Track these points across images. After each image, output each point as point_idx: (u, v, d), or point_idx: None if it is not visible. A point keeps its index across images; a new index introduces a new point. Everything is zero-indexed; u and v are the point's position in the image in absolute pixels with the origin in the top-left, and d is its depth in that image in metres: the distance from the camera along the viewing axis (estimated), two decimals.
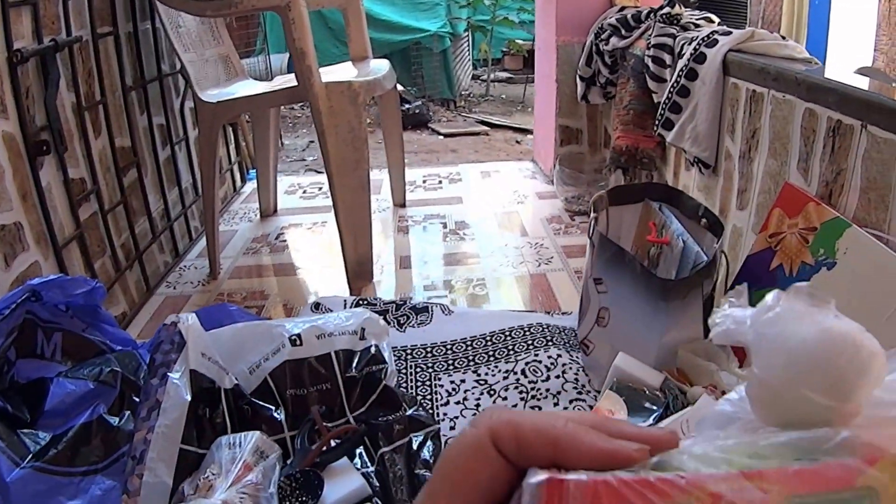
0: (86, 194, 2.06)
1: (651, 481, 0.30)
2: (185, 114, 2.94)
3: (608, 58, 2.81)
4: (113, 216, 2.22)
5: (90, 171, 2.09)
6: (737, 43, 1.99)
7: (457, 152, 5.27)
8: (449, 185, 3.70)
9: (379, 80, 2.46)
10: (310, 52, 2.18)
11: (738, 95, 1.97)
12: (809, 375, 0.37)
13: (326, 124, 2.22)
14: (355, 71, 2.68)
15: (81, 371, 1.44)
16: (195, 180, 2.99)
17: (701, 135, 2.10)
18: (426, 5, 6.71)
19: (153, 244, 2.53)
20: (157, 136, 2.60)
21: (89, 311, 1.60)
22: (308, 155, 5.22)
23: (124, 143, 2.34)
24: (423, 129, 6.02)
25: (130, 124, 2.37)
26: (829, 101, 1.58)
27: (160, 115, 2.67)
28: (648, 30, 2.48)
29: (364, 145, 2.28)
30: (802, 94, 1.68)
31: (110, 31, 2.27)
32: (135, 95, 2.44)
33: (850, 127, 1.51)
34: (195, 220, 2.99)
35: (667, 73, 2.29)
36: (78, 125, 2.04)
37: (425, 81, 6.74)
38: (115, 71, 2.30)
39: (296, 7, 2.14)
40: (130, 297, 2.32)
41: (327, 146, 2.24)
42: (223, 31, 2.83)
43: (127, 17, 2.42)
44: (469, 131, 5.86)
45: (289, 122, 6.32)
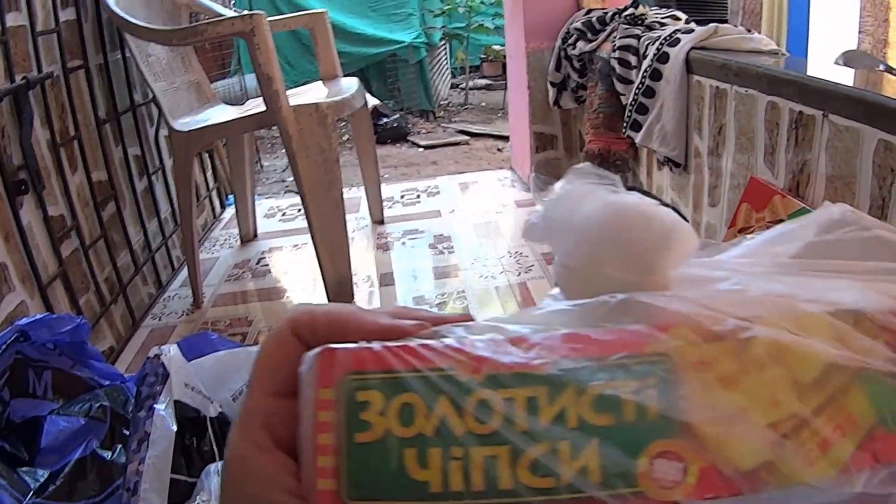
0: (66, 231, 2.06)
1: (412, 347, 0.33)
2: (161, 143, 2.94)
3: (577, 62, 2.84)
4: (94, 251, 2.23)
5: (69, 208, 2.10)
6: (699, 40, 2.02)
7: (437, 164, 5.28)
8: (427, 198, 3.72)
9: (347, 99, 2.47)
10: (276, 76, 2.19)
11: (703, 93, 2.00)
12: (602, 252, 0.37)
13: (297, 147, 2.24)
14: (325, 90, 2.69)
15: (73, 408, 1.47)
16: (174, 210, 2.99)
17: (669, 134, 2.12)
18: (400, 16, 6.70)
19: (136, 277, 2.53)
20: (133, 168, 2.60)
21: (76, 348, 1.62)
22: (288, 176, 5.22)
23: (101, 176, 2.35)
24: (402, 142, 6.02)
25: (106, 157, 2.37)
26: (789, 93, 1.61)
27: (135, 145, 2.67)
28: (614, 32, 2.51)
29: (336, 166, 2.30)
30: (764, 88, 1.71)
31: (81, 64, 2.28)
32: (109, 128, 2.44)
33: (811, 117, 1.54)
34: (176, 249, 2.99)
35: (633, 75, 2.32)
36: (54, 162, 2.04)
37: (403, 93, 6.74)
38: (87, 104, 2.31)
39: (260, 32, 2.16)
40: (117, 332, 2.33)
41: (299, 169, 2.26)
42: (193, 58, 2.84)
43: (96, 49, 2.43)
44: (449, 142, 5.87)
45: (268, 143, 6.30)
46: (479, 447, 0.31)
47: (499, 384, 0.31)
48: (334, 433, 0.32)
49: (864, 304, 0.33)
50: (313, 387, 0.33)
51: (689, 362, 0.31)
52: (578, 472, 0.30)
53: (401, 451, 0.31)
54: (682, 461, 0.30)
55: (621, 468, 0.30)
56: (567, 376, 0.31)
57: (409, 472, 0.31)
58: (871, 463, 0.30)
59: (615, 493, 0.30)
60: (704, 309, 0.33)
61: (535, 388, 0.31)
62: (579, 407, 0.31)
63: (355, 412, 0.32)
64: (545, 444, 0.30)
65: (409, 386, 0.32)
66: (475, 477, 0.30)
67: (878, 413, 0.31)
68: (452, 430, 0.31)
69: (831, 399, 0.31)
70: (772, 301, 0.34)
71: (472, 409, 0.31)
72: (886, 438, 0.31)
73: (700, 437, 0.30)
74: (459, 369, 0.32)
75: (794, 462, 0.30)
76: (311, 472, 0.32)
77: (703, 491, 0.29)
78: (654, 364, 0.31)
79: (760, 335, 0.32)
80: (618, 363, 0.32)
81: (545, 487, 0.30)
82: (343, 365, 0.33)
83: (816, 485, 0.30)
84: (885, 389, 0.31)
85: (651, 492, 0.30)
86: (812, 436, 0.30)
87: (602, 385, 0.31)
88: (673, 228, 0.37)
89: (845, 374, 0.31)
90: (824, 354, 0.31)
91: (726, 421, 0.30)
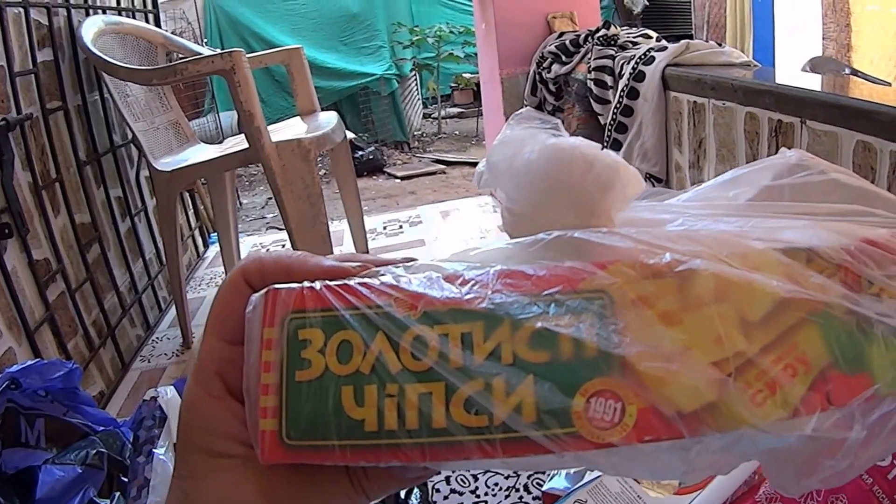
0: (52, 274, 2.04)
1: (351, 285, 0.33)
2: (142, 183, 2.92)
3: (552, 85, 2.87)
4: (81, 294, 2.20)
5: (53, 251, 2.07)
6: (673, 57, 2.06)
7: (415, 194, 5.30)
8: (410, 228, 3.74)
9: (328, 133, 2.47)
10: (257, 113, 2.19)
11: (681, 108, 2.03)
12: (544, 196, 0.37)
13: (281, 183, 2.24)
14: (304, 126, 2.69)
15: (68, 456, 1.43)
16: (158, 250, 2.97)
17: (649, 151, 2.15)
18: (370, 49, 6.76)
19: (124, 319, 2.51)
20: (115, 209, 2.58)
21: (68, 394, 1.59)
22: (268, 212, 5.22)
23: (84, 218, 2.33)
24: (378, 174, 6.05)
25: (88, 199, 2.36)
26: (766, 102, 1.64)
27: (117, 187, 2.66)
28: (588, 53, 2.54)
29: (320, 200, 2.30)
30: (741, 100, 1.74)
31: (60, 105, 2.27)
32: (90, 169, 2.43)
33: (790, 125, 1.57)
34: (163, 290, 2.97)
35: (609, 95, 2.35)
36: (36, 205, 2.02)
37: (376, 126, 6.78)
38: (67, 146, 2.30)
39: (240, 70, 2.15)
40: (107, 375, 2.30)
41: (284, 205, 2.26)
42: (171, 97, 2.83)
43: (75, 89, 2.42)
44: (425, 171, 5.90)
45: (245, 181, 6.31)
46: (413, 384, 0.30)
47: (434, 320, 0.31)
48: (276, 372, 0.32)
49: (818, 242, 0.32)
50: (258, 326, 0.33)
51: (629, 299, 0.30)
52: (513, 410, 0.29)
53: (338, 388, 0.31)
54: (620, 401, 0.29)
55: (556, 407, 0.29)
56: (499, 311, 0.31)
57: (345, 410, 0.31)
58: (823, 405, 0.29)
59: (549, 434, 0.29)
60: (641, 244, 0.32)
61: (471, 324, 0.31)
62: (515, 343, 0.30)
63: (296, 350, 0.32)
64: (479, 381, 0.30)
65: (347, 323, 0.32)
66: (409, 415, 0.30)
67: (833, 353, 0.30)
68: (388, 367, 0.31)
69: (781, 338, 0.30)
70: (717, 238, 0.33)
71: (408, 346, 0.31)
72: (840, 379, 0.29)
73: (639, 375, 0.29)
74: (396, 306, 0.32)
75: (740, 403, 0.28)
76: (255, 413, 0.32)
77: (642, 433, 0.29)
78: (591, 300, 0.31)
79: (702, 269, 0.31)
80: (551, 298, 0.31)
81: (478, 426, 0.30)
82: (285, 304, 0.33)
83: (763, 428, 0.29)
84: (839, 328, 0.30)
85: (586, 432, 0.29)
86: (759, 376, 0.29)
87: (535, 319, 0.30)
88: (615, 170, 0.36)
89: (797, 312, 0.30)
90: (773, 291, 0.30)
91: (666, 358, 0.29)
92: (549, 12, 3.16)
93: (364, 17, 6.73)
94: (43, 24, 2.26)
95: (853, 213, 0.35)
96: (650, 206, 0.38)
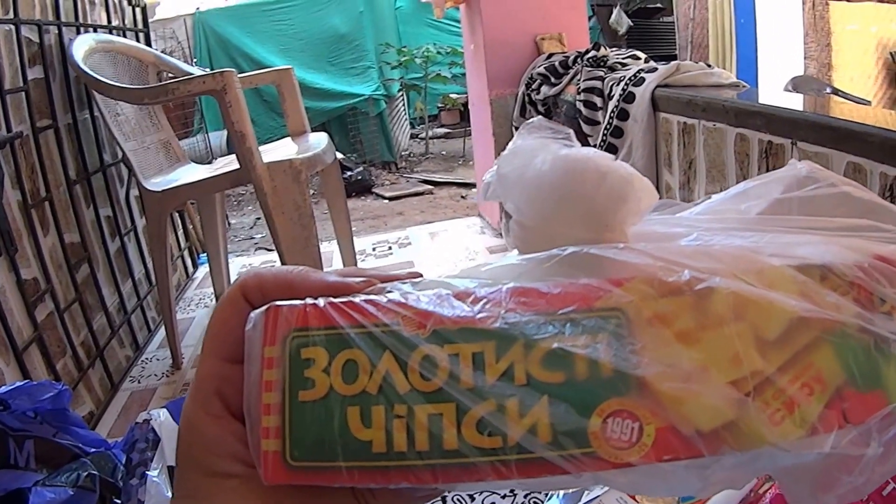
0: (40, 294, 2.03)
1: (356, 302, 0.32)
2: (132, 203, 2.92)
3: (541, 106, 2.89)
4: (69, 314, 2.19)
5: (42, 270, 2.06)
6: (663, 78, 2.08)
7: (403, 215, 5.30)
8: (399, 249, 3.74)
9: (319, 154, 2.48)
10: (249, 133, 2.19)
11: (671, 129, 2.05)
12: (556, 208, 0.36)
13: (272, 204, 2.24)
14: (295, 147, 2.69)
15: (58, 478, 1.41)
16: (147, 270, 2.96)
17: (639, 172, 2.16)
18: (358, 69, 6.77)
19: (113, 339, 2.49)
20: (105, 229, 2.57)
21: (58, 415, 1.57)
22: (256, 232, 5.21)
23: (73, 238, 2.32)
24: (367, 194, 6.05)
25: (78, 218, 2.35)
26: (757, 123, 1.65)
27: (107, 206, 2.65)
28: (577, 74, 2.56)
29: (311, 221, 2.30)
30: (732, 121, 1.75)
31: (50, 123, 2.26)
32: (79, 188, 2.42)
33: (781, 146, 1.58)
34: (152, 310, 2.96)
35: (599, 116, 2.37)
36: (26, 223, 2.01)
37: (364, 146, 6.78)
38: (57, 165, 2.29)
39: (231, 90, 2.16)
40: (96, 396, 2.28)
41: (276, 226, 2.25)
42: (162, 117, 2.83)
43: (65, 108, 2.42)
44: (413, 192, 5.90)
45: (233, 201, 6.29)
46: (423, 405, 0.30)
47: (444, 339, 0.31)
48: (279, 392, 0.31)
49: (831, 259, 0.32)
50: (259, 345, 0.32)
51: (645, 317, 0.30)
52: (527, 431, 0.29)
53: (343, 409, 0.31)
54: (637, 420, 0.28)
55: (572, 427, 0.29)
56: (513, 330, 0.30)
57: (351, 431, 0.30)
58: (840, 423, 0.29)
59: (565, 454, 0.29)
60: (659, 261, 0.32)
61: (482, 344, 0.30)
62: (528, 363, 0.30)
63: (299, 369, 0.31)
64: (492, 402, 0.29)
65: (353, 342, 0.31)
66: (419, 436, 0.30)
67: (847, 371, 0.29)
68: (396, 388, 0.30)
69: (797, 356, 0.29)
70: (733, 254, 0.33)
71: (417, 366, 0.30)
72: (856, 397, 0.29)
73: (657, 395, 0.29)
74: (404, 324, 0.31)
75: (758, 422, 0.28)
76: (256, 433, 0.32)
77: (660, 452, 0.28)
78: (607, 319, 0.30)
79: (720, 287, 0.30)
80: (566, 317, 0.30)
81: (492, 448, 0.29)
82: (287, 322, 0.32)
83: (782, 446, 0.28)
84: (853, 347, 0.30)
85: (604, 452, 0.28)
86: (777, 395, 0.29)
87: (550, 339, 0.30)
88: (629, 182, 0.35)
89: (812, 331, 0.30)
90: (789, 309, 0.30)
91: (684, 378, 0.29)
92: (538, 33, 3.19)
93: (352, 37, 6.74)
94: (34, 42, 2.26)
95: (864, 229, 0.35)
96: (662, 219, 0.38)
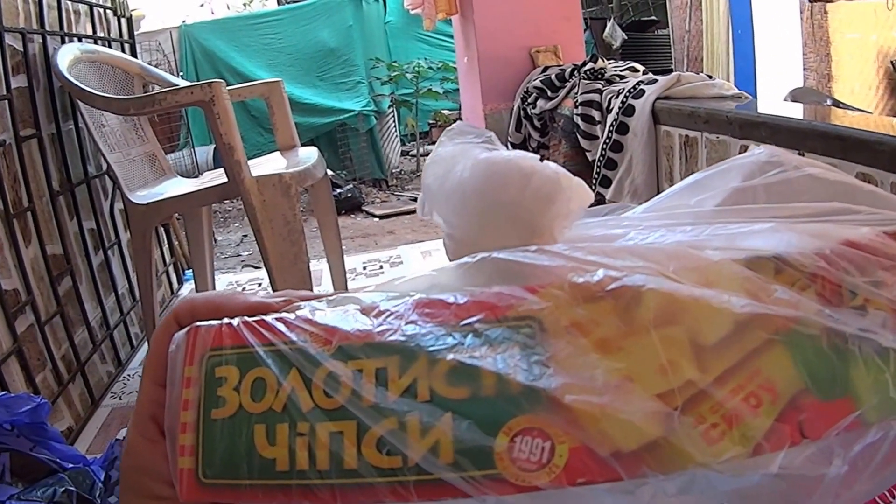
0: (21, 306, 1.98)
1: (266, 320, 0.32)
2: (116, 216, 2.87)
3: (537, 121, 2.84)
4: (51, 327, 2.14)
5: (23, 282, 2.02)
6: (663, 90, 2.04)
7: (394, 234, 5.24)
8: (390, 269, 3.68)
9: (309, 169, 2.44)
10: (238, 146, 2.15)
11: (672, 142, 2.00)
12: (480, 216, 0.34)
13: (261, 219, 2.19)
14: (284, 161, 2.65)
15: (34, 493, 1.40)
16: (131, 285, 2.91)
17: (639, 188, 2.12)
18: (347, 85, 6.70)
19: (94, 354, 2.44)
20: (88, 242, 2.53)
21: (36, 429, 1.55)
22: (243, 250, 5.14)
23: (56, 250, 2.28)
24: (357, 212, 5.98)
25: (61, 230, 2.31)
26: (762, 135, 1.62)
27: (90, 219, 2.60)
28: (574, 88, 2.52)
29: (301, 237, 2.25)
30: (735, 133, 1.72)
31: (33, 133, 2.22)
32: (63, 200, 2.38)
33: None
34: (135, 326, 2.90)
35: (597, 130, 2.32)
36: (7, 234, 1.97)
37: (354, 163, 6.70)
38: (41, 175, 2.25)
39: (220, 101, 2.12)
40: (75, 411, 2.23)
41: (264, 242, 2.21)
42: (147, 129, 2.79)
43: (49, 118, 2.38)
44: (404, 210, 5.84)
45: (220, 217, 6.22)
46: (325, 423, 0.29)
47: (348, 355, 0.30)
48: (194, 410, 0.32)
49: (786, 248, 0.29)
50: (181, 365, 0.33)
51: (563, 325, 0.28)
52: (428, 451, 0.27)
53: (251, 427, 0.30)
54: (549, 440, 0.26)
55: (475, 447, 0.27)
56: (411, 343, 0.29)
57: (257, 449, 0.30)
58: (794, 438, 0.26)
59: (466, 476, 0.26)
60: (572, 262, 0.29)
61: (386, 359, 0.29)
62: (432, 378, 0.28)
63: (213, 388, 0.32)
64: (393, 420, 0.28)
65: (262, 360, 0.31)
66: (320, 455, 0.29)
67: (806, 377, 0.26)
68: (300, 405, 0.30)
69: (742, 363, 0.26)
70: (667, 251, 0.30)
71: (321, 383, 0.30)
72: (816, 407, 0.26)
73: (571, 412, 0.26)
74: (312, 341, 0.31)
75: (688, 440, 0.25)
76: (174, 451, 0.32)
77: (573, 475, 0.26)
78: (516, 328, 0.28)
79: (638, 285, 0.27)
80: (469, 328, 0.29)
81: (391, 468, 0.28)
82: (204, 342, 0.33)
83: (716, 468, 0.25)
84: (814, 349, 0.27)
85: (509, 474, 0.26)
86: (715, 408, 0.26)
87: (447, 351, 0.28)
88: (556, 182, 0.34)
89: (761, 333, 0.27)
90: (728, 309, 0.27)
91: (598, 392, 0.26)
92: (533, 46, 3.15)
93: (341, 52, 6.67)
94: (18, 51, 2.22)
95: (833, 212, 0.32)
96: (602, 221, 0.36)
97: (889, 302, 0.28)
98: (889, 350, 0.27)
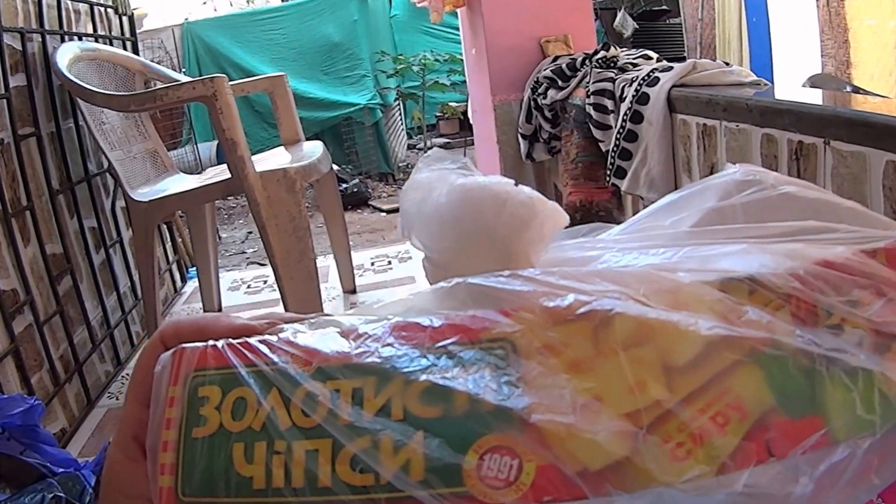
0: (19, 306, 1.96)
1: (250, 342, 0.33)
2: (117, 214, 2.85)
3: (548, 111, 2.78)
4: (49, 327, 2.12)
5: (22, 282, 2.00)
6: (679, 77, 1.97)
7: None
8: (399, 264, 3.60)
9: (314, 163, 2.40)
10: (241, 141, 2.12)
11: (689, 132, 1.94)
12: (456, 241, 0.35)
13: (266, 216, 2.16)
14: (289, 156, 2.62)
15: (22, 499, 1.39)
16: (133, 284, 2.89)
17: (656, 178, 2.05)
18: (353, 78, 6.62)
19: (93, 354, 2.41)
20: (89, 240, 2.50)
21: (27, 432, 1.54)
22: (248, 247, 5.10)
23: (55, 249, 2.25)
24: (363, 207, 5.93)
25: (61, 229, 2.28)
26: (785, 123, 1.55)
27: (91, 217, 2.58)
28: (585, 77, 2.45)
29: (307, 234, 2.23)
30: (756, 121, 1.65)
31: (32, 131, 2.21)
32: (63, 198, 2.36)
33: (812, 146, 1.48)
34: (136, 325, 2.88)
35: (611, 119, 2.26)
36: (5, 233, 1.96)
37: (360, 157, 6.64)
38: (40, 173, 2.23)
39: (222, 96, 2.09)
40: (70, 412, 2.20)
41: (269, 238, 2.18)
42: (149, 126, 2.76)
43: (48, 116, 2.36)
44: None
45: (224, 214, 6.17)
46: (301, 441, 0.30)
47: (327, 376, 0.31)
48: (176, 429, 0.32)
49: (759, 269, 0.30)
50: (165, 385, 0.33)
51: (534, 347, 0.29)
52: (399, 468, 0.28)
53: (230, 445, 0.31)
54: (517, 458, 0.27)
55: (445, 464, 0.28)
56: (386, 365, 0.30)
57: (235, 466, 0.31)
58: (760, 457, 0.26)
59: (435, 493, 0.27)
60: (544, 287, 0.30)
61: (362, 379, 0.30)
62: (406, 398, 0.29)
63: (195, 407, 0.32)
64: (367, 438, 0.29)
65: (243, 380, 0.32)
66: (295, 473, 0.30)
67: (777, 397, 0.27)
68: (278, 424, 0.30)
69: (711, 383, 0.27)
70: (637, 274, 0.31)
71: (299, 402, 0.30)
72: (784, 426, 0.27)
73: (539, 431, 0.27)
74: (293, 362, 0.32)
75: (651, 459, 0.26)
76: (155, 470, 0.32)
77: (540, 493, 0.27)
78: (489, 350, 0.29)
79: (606, 309, 0.28)
80: (443, 350, 0.30)
81: (363, 485, 0.28)
82: (189, 363, 0.33)
83: (679, 487, 0.26)
84: (783, 369, 0.28)
85: (477, 492, 0.27)
86: (681, 427, 0.27)
87: (421, 372, 0.29)
88: (530, 207, 0.34)
89: (731, 354, 0.28)
90: (696, 331, 0.28)
91: (570, 411, 0.27)
92: (542, 36, 3.08)
93: (346, 45, 6.60)
94: (16, 50, 2.21)
95: (810, 231, 0.33)
96: (578, 243, 0.36)
97: (865, 320, 0.29)
98: (857, 369, 0.28)
